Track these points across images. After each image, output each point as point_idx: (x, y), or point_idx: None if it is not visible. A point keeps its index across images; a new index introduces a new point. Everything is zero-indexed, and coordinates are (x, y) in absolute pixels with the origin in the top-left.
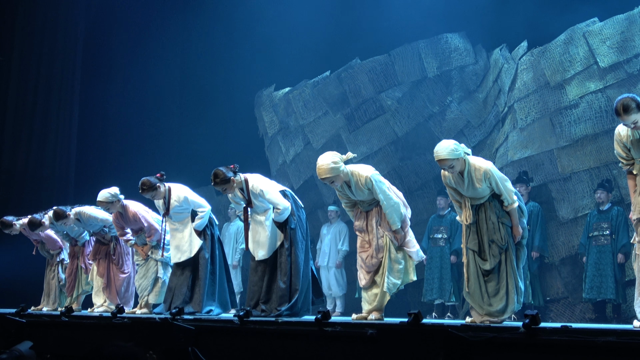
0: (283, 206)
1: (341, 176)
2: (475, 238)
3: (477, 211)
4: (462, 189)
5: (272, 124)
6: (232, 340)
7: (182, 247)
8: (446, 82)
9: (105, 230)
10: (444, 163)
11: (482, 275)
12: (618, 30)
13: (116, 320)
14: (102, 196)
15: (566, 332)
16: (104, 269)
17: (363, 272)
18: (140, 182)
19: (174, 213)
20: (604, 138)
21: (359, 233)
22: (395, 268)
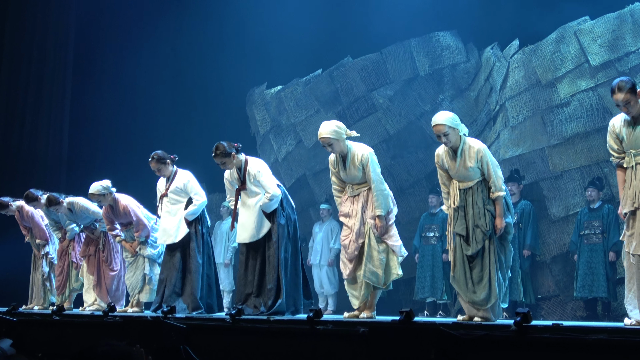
0: (274, 192)
1: (340, 144)
2: (464, 223)
3: (465, 195)
4: (452, 171)
5: (264, 123)
6: (224, 338)
7: (169, 230)
8: (438, 80)
9: (96, 225)
10: (439, 129)
11: (467, 262)
12: (609, 29)
13: (108, 319)
14: (94, 188)
15: (557, 330)
16: (93, 266)
17: (344, 261)
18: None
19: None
20: (595, 136)
21: (344, 218)
22: (374, 256)
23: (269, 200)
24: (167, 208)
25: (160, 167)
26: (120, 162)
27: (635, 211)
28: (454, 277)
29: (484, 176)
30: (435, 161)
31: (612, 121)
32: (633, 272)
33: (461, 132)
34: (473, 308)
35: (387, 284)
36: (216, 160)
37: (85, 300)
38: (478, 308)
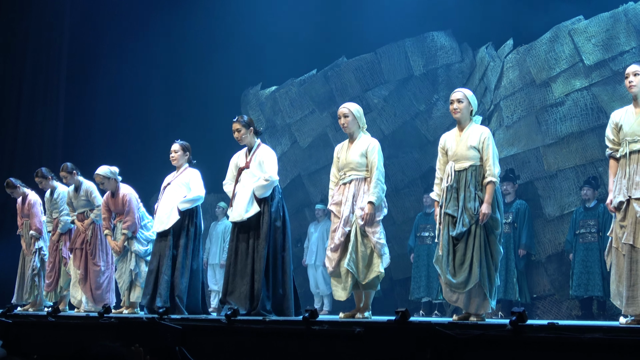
0: (272, 177)
1: (356, 122)
2: (455, 205)
3: (459, 177)
4: (452, 150)
5: (259, 123)
6: (219, 339)
7: (162, 217)
8: (432, 80)
9: (89, 215)
10: (457, 95)
11: (452, 244)
12: (603, 28)
13: (103, 320)
14: (102, 170)
15: (553, 329)
16: (79, 260)
17: (329, 254)
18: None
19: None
20: (589, 135)
21: (335, 207)
22: (358, 248)
23: (265, 181)
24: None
25: (244, 132)
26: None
27: (629, 201)
28: (437, 258)
29: (480, 162)
30: (439, 144)
31: (615, 112)
32: (622, 263)
33: (474, 113)
34: (450, 290)
35: (367, 281)
36: (234, 126)
37: (72, 294)
38: (454, 290)
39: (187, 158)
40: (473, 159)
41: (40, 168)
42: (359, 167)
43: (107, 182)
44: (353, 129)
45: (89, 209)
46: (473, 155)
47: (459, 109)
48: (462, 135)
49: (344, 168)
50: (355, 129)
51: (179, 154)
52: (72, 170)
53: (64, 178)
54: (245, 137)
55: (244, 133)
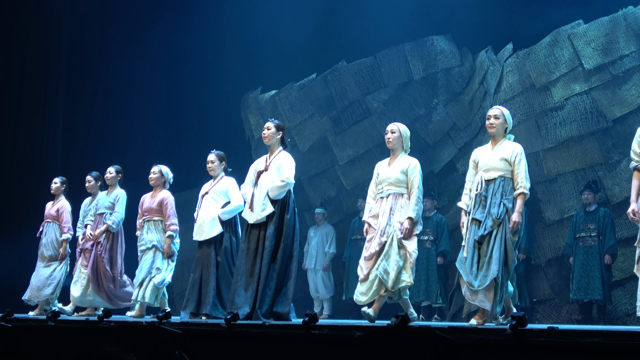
0: (289, 180)
1: (401, 141)
2: (483, 211)
3: (487, 186)
4: (483, 161)
5: (259, 127)
6: (219, 343)
7: (203, 226)
8: (432, 84)
9: (107, 218)
10: (494, 111)
11: (477, 247)
12: (603, 32)
13: (102, 324)
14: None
15: (553, 334)
16: (86, 261)
17: (361, 264)
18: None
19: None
20: (589, 140)
21: (372, 219)
22: (392, 257)
23: (281, 182)
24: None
25: (274, 133)
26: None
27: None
28: (461, 259)
29: (509, 175)
30: (471, 157)
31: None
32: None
33: (508, 132)
34: (469, 290)
35: (394, 289)
36: (268, 123)
37: (72, 292)
38: (474, 290)
39: (223, 167)
40: (503, 170)
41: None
42: (398, 183)
43: (158, 179)
44: (396, 146)
45: (110, 213)
46: (503, 167)
47: (495, 124)
48: (494, 148)
49: (382, 183)
50: (398, 147)
51: (215, 164)
52: (119, 172)
53: (109, 174)
54: (272, 138)
55: (273, 134)
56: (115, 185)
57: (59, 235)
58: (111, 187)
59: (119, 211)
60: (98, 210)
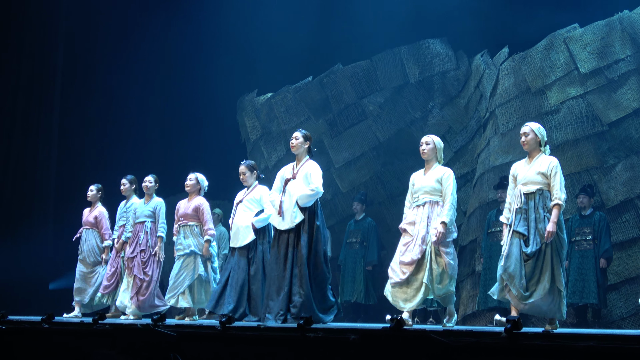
0: (318, 189)
1: (435, 152)
2: (525, 224)
3: (527, 199)
4: (521, 175)
5: (255, 130)
6: (214, 346)
7: (237, 234)
8: (428, 87)
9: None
10: (524, 129)
11: (523, 259)
12: (598, 36)
13: (97, 326)
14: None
15: (547, 337)
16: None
17: (395, 267)
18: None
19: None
20: (584, 143)
21: (409, 226)
22: (433, 266)
23: (310, 191)
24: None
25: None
26: (111, 169)
27: None
28: (506, 270)
29: (547, 187)
30: (510, 172)
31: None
32: None
33: (542, 146)
34: (519, 301)
35: (442, 296)
36: (296, 133)
37: (121, 299)
38: (525, 303)
39: (255, 176)
40: (540, 183)
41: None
42: (434, 192)
43: (194, 186)
44: (430, 157)
45: (151, 221)
46: (541, 180)
47: (526, 141)
48: (531, 162)
49: (418, 192)
50: (432, 158)
51: (247, 175)
52: (157, 181)
53: (148, 182)
54: (300, 147)
55: (301, 143)
56: (152, 194)
57: (99, 241)
58: (148, 196)
59: (163, 221)
60: (138, 219)
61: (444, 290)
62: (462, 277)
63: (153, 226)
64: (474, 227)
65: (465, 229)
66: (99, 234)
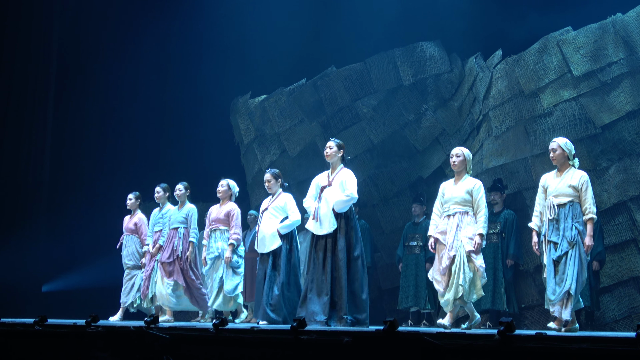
0: (353, 195)
1: (465, 164)
2: (557, 233)
3: (558, 210)
4: (552, 187)
5: (248, 132)
6: (207, 348)
7: (264, 240)
8: (421, 90)
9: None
10: (552, 145)
11: (554, 265)
12: (591, 39)
13: (90, 329)
14: (232, 182)
15: (541, 339)
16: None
17: (437, 278)
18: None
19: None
20: (577, 146)
21: (440, 235)
22: (464, 271)
23: (346, 197)
24: (271, 214)
25: (337, 153)
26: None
27: None
28: (544, 277)
29: (577, 200)
30: (540, 182)
31: None
32: None
33: (571, 160)
34: (549, 303)
35: (469, 300)
36: (330, 143)
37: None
38: (554, 304)
39: (280, 184)
40: (571, 196)
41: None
42: (464, 202)
43: (225, 192)
44: (460, 169)
45: (184, 227)
46: (571, 193)
47: (555, 157)
48: (562, 175)
49: (448, 202)
50: (462, 169)
51: (272, 182)
52: (187, 188)
53: (179, 190)
54: (334, 156)
55: (335, 152)
56: (185, 201)
57: (139, 246)
58: (181, 203)
59: (195, 227)
60: (172, 225)
61: (476, 295)
62: None
63: (186, 232)
64: None
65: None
66: (139, 239)
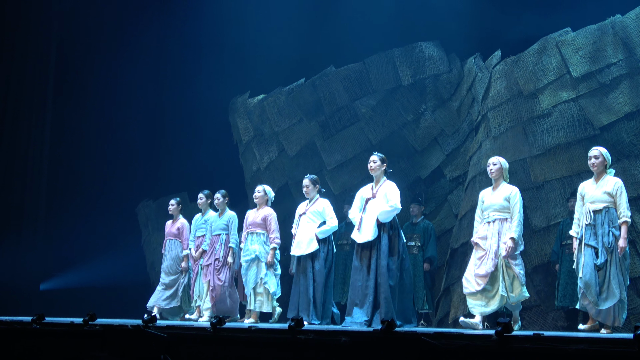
0: (397, 206)
1: (502, 172)
2: (595, 238)
3: (595, 216)
4: (589, 194)
5: (247, 131)
6: (205, 347)
7: (301, 244)
8: (420, 90)
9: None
10: (594, 152)
11: (596, 270)
12: (590, 40)
13: (87, 327)
14: (268, 188)
15: (538, 340)
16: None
17: (469, 277)
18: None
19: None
20: (576, 147)
21: (481, 240)
22: (505, 278)
23: (390, 207)
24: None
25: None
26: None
27: None
28: (583, 279)
29: (612, 205)
30: (578, 191)
31: None
32: None
33: (608, 166)
34: (594, 307)
35: (515, 303)
36: (373, 157)
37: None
38: (599, 310)
39: (317, 189)
40: (607, 202)
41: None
42: (502, 209)
43: (262, 198)
44: (498, 177)
45: (225, 233)
46: (607, 199)
47: (596, 164)
48: (598, 182)
49: (487, 209)
50: (499, 177)
51: (310, 188)
52: (226, 196)
53: (217, 199)
54: (378, 169)
55: (379, 166)
56: (225, 209)
57: (180, 251)
58: (221, 211)
59: (235, 234)
60: (213, 232)
61: (518, 297)
62: (454, 280)
63: (227, 238)
64: (465, 230)
65: (457, 232)
66: (181, 244)
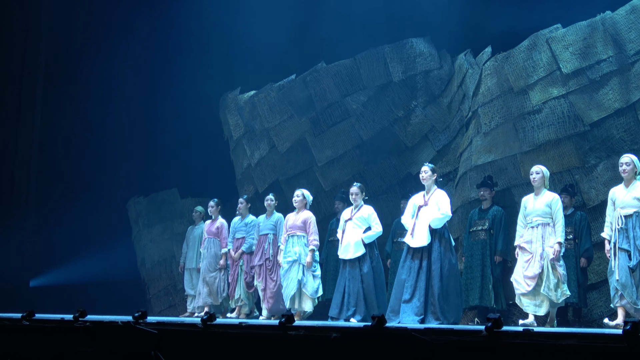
0: (448, 214)
1: (543, 180)
2: (628, 242)
3: (626, 220)
4: (619, 199)
5: (237, 127)
6: (195, 344)
7: (347, 247)
8: (411, 86)
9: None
10: (625, 159)
11: (630, 271)
12: (580, 37)
13: (78, 324)
14: (305, 192)
15: (528, 336)
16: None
17: (519, 279)
18: None
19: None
20: (566, 143)
21: (526, 244)
22: (550, 279)
23: (441, 215)
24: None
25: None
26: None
27: None
28: (619, 281)
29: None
30: (609, 196)
31: None
32: None
33: (638, 173)
34: (632, 306)
35: (559, 301)
36: (424, 167)
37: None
38: (637, 309)
39: (363, 196)
40: (636, 207)
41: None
42: (544, 215)
43: (301, 202)
44: (539, 184)
45: (273, 233)
46: (637, 204)
47: (627, 170)
48: (628, 188)
49: (530, 215)
50: (541, 185)
51: (357, 195)
52: (275, 198)
53: (269, 200)
54: (429, 179)
55: (429, 176)
56: (272, 211)
57: (219, 249)
58: (270, 212)
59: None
60: (261, 232)
61: (562, 295)
62: None
63: (275, 238)
64: (456, 226)
65: (448, 228)
66: (219, 242)
